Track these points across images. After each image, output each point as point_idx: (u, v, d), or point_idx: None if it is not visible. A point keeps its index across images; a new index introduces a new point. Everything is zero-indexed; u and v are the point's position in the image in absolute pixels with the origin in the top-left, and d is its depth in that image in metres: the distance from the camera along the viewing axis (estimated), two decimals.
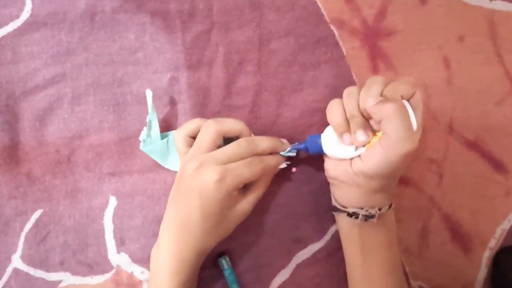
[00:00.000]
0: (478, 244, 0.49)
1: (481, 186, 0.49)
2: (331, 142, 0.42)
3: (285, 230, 0.48)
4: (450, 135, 0.49)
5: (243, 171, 0.39)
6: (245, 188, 0.42)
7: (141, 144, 0.46)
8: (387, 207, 0.41)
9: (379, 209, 0.41)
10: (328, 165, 0.43)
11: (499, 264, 0.48)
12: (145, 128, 0.46)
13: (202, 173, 0.39)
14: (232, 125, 0.42)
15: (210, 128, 0.41)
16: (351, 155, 0.40)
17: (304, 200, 0.48)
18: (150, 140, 0.46)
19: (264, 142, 0.42)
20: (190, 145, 0.42)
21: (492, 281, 0.49)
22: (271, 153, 0.43)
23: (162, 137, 0.46)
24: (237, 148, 0.40)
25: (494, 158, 0.49)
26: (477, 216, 0.49)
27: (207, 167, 0.39)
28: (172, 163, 0.47)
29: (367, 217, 0.41)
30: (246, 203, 0.42)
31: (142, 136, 0.46)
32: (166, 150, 0.47)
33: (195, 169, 0.39)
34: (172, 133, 0.47)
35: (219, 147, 0.42)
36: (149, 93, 0.45)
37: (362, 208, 0.41)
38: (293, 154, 0.45)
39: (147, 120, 0.46)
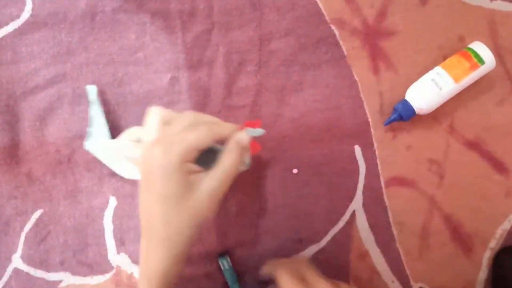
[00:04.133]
0: (478, 244, 0.49)
1: (481, 186, 0.49)
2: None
3: (286, 231, 0.48)
4: (451, 135, 0.49)
5: (187, 134, 0.35)
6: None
7: (85, 144, 0.44)
8: None
9: None
10: None
11: (499, 264, 0.48)
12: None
13: (149, 154, 0.36)
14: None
15: (153, 114, 0.38)
16: None
17: (304, 201, 0.48)
18: (92, 139, 0.44)
19: (226, 127, 0.38)
20: None
21: (493, 282, 0.49)
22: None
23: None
24: (181, 121, 0.37)
25: (495, 158, 0.49)
26: (477, 217, 0.49)
27: (150, 147, 0.36)
28: (123, 169, 0.45)
29: None
30: (212, 180, 0.37)
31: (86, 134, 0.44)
32: (115, 153, 0.44)
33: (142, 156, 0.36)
34: (126, 134, 0.44)
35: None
36: (92, 88, 0.44)
37: None
38: (261, 133, 0.41)
39: (89, 116, 0.44)
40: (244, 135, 0.39)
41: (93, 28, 0.48)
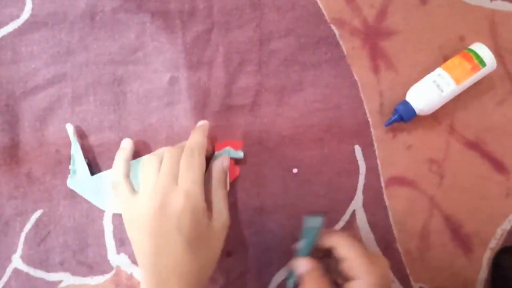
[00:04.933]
0: (478, 244, 0.49)
1: (481, 187, 0.49)
2: None
3: (286, 230, 0.48)
4: (451, 135, 0.49)
5: (190, 174, 0.38)
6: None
7: (68, 181, 0.45)
8: None
9: None
10: None
11: (499, 265, 0.48)
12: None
13: (166, 201, 0.37)
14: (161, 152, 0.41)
15: (121, 155, 0.41)
16: None
17: (305, 200, 0.48)
18: (75, 176, 0.45)
19: (200, 139, 0.41)
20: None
21: (493, 282, 0.49)
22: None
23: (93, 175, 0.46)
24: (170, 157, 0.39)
25: (495, 158, 0.49)
26: (477, 217, 0.49)
27: (165, 193, 0.37)
28: (109, 204, 0.46)
29: None
30: (222, 215, 0.40)
31: (69, 172, 0.45)
32: (99, 189, 0.46)
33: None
34: (107, 173, 0.46)
35: None
36: (69, 127, 0.45)
37: None
38: (240, 156, 0.46)
39: (71, 154, 0.45)
40: (226, 162, 0.43)
41: (93, 28, 0.47)
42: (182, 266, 0.37)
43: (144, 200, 0.38)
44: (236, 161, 0.47)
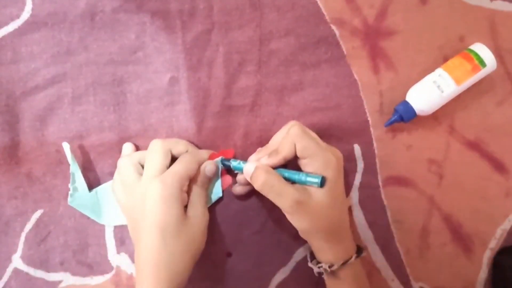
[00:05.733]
0: (478, 244, 0.49)
1: (481, 187, 0.49)
2: None
3: (285, 228, 0.48)
4: (451, 135, 0.49)
5: (176, 166, 0.41)
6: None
7: (69, 199, 0.45)
8: (341, 263, 0.40)
9: (330, 266, 0.40)
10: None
11: (499, 265, 0.48)
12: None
13: (147, 189, 0.39)
14: (176, 141, 0.44)
15: (157, 147, 0.42)
16: None
17: None
18: (78, 194, 0.46)
19: (204, 154, 0.45)
20: (141, 173, 0.42)
21: (493, 282, 0.49)
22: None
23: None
24: (182, 162, 0.42)
25: (495, 159, 0.49)
26: (477, 217, 0.49)
27: (147, 183, 0.40)
28: (107, 217, 0.47)
29: (319, 273, 0.42)
30: (196, 210, 0.41)
31: (70, 190, 0.45)
32: (97, 204, 0.46)
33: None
34: (102, 187, 0.47)
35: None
36: (66, 146, 0.45)
37: (318, 263, 0.42)
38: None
39: (70, 173, 0.45)
40: (211, 167, 0.44)
41: (93, 28, 0.47)
42: (155, 255, 0.38)
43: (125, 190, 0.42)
44: (228, 171, 0.47)
